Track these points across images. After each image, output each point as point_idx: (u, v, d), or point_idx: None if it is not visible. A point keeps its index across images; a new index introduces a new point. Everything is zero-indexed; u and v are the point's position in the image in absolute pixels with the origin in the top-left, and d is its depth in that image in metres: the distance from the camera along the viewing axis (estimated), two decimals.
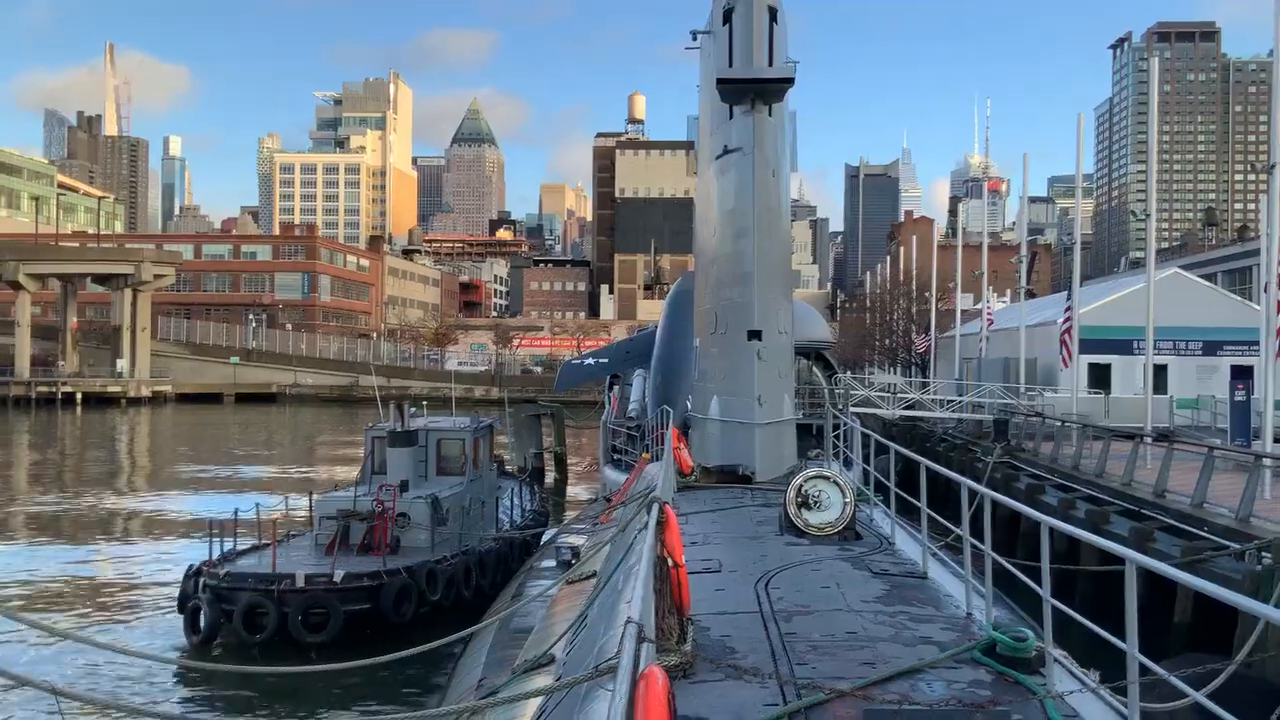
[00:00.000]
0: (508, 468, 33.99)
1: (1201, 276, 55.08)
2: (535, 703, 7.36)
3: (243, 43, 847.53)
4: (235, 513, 18.85)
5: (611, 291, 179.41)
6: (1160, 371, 37.78)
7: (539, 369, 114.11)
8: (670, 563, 6.34)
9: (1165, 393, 37.75)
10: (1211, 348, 43.86)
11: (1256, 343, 26.38)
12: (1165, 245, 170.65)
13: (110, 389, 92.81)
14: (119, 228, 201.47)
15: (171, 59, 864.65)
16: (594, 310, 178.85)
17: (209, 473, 45.22)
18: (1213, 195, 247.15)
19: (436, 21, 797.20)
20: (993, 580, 7.18)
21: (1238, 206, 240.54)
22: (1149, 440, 23.85)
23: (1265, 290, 21.81)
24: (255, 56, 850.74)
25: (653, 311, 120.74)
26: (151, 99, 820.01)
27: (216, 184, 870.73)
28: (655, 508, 6.76)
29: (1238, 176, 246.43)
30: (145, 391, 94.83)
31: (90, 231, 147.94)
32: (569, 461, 45.15)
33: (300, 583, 16.80)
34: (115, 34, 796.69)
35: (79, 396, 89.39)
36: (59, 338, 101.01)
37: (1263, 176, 23.63)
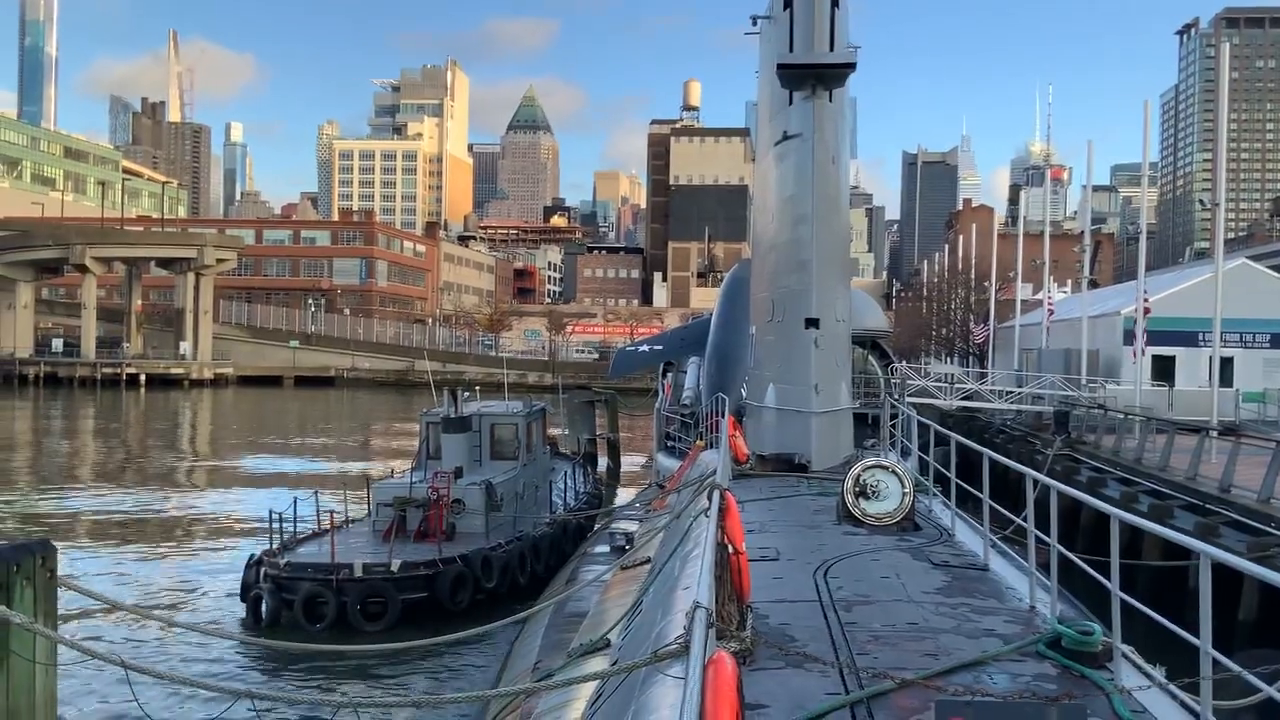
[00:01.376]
0: (561, 449, 34.11)
1: (1269, 267, 53.77)
2: (591, 686, 7.39)
3: (305, 32, 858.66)
4: (294, 502, 19.13)
5: (665, 279, 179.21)
6: (1226, 364, 36.99)
7: (596, 356, 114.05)
8: (730, 549, 6.33)
9: (1231, 386, 36.95)
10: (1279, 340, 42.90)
11: None
12: (1231, 235, 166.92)
13: (173, 371, 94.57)
14: (182, 212, 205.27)
15: (236, 47, 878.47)
16: (647, 297, 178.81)
17: (269, 454, 46.02)
18: None
19: (497, 10, 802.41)
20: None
21: None
22: (1214, 434, 23.39)
23: None
24: (317, 45, 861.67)
25: (706, 299, 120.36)
26: (215, 86, 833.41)
27: (277, 170, 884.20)
28: (717, 494, 6.76)
29: None
30: (207, 374, 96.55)
31: (154, 216, 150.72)
32: (622, 448, 45.18)
33: (358, 572, 17.05)
34: (181, 23, 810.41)
35: (143, 378, 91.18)
36: (124, 320, 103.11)
37: None
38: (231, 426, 63.81)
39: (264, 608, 17.39)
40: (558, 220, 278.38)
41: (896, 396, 26.21)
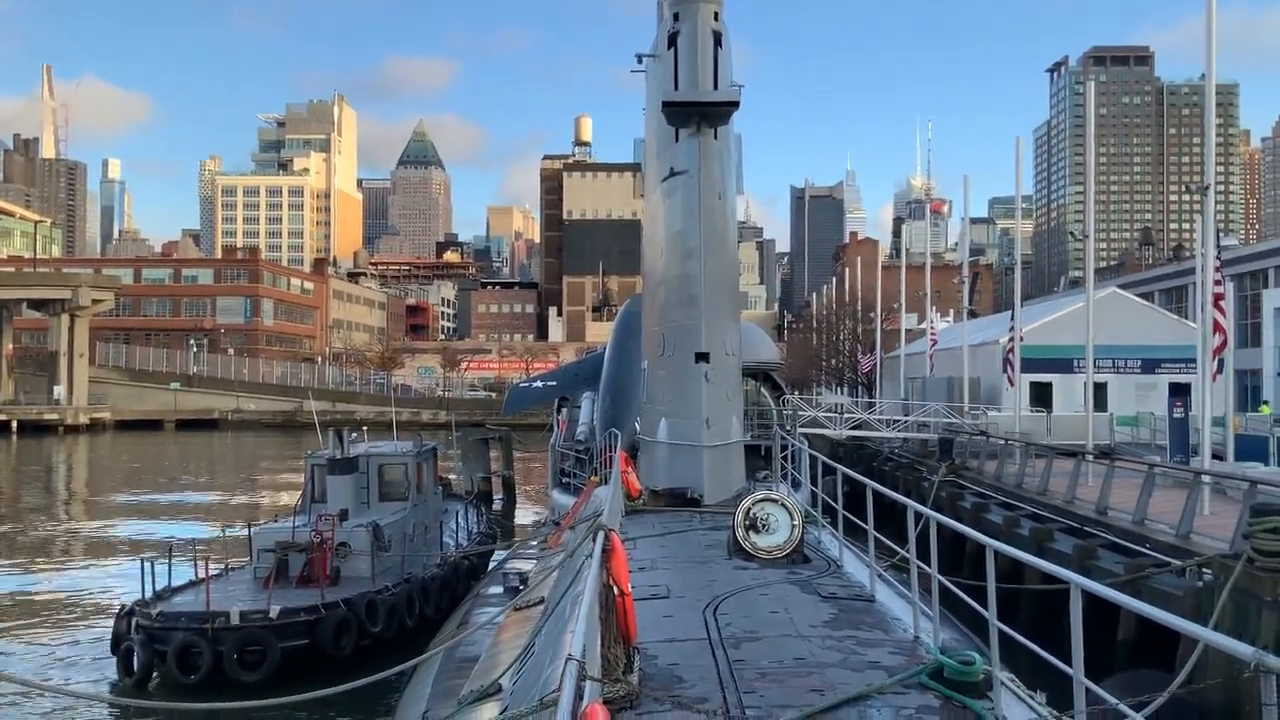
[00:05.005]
0: (454, 490, 33.65)
1: (1139, 295, 56.22)
2: None
3: (191, 68, 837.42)
4: (170, 547, 18.38)
5: (560, 314, 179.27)
6: (1100, 389, 38.39)
7: (492, 394, 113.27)
8: (616, 591, 6.24)
9: (1105, 410, 38.35)
10: (1150, 365, 44.70)
11: (1193, 360, 26.90)
12: (1103, 265, 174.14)
13: (47, 416, 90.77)
14: (56, 252, 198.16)
15: (117, 82, 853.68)
16: (542, 332, 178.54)
17: (147, 502, 44.30)
18: (1149, 215, 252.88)
19: (397, 49, 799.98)
20: (940, 601, 7.18)
21: (1173, 226, 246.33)
22: (1090, 458, 24.17)
23: (1201, 309, 22.26)
24: (204, 81, 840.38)
25: (601, 333, 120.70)
26: (101, 124, 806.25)
27: (159, 208, 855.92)
28: (600, 535, 6.67)
29: (1172, 197, 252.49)
30: (83, 419, 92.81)
31: (26, 256, 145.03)
32: (517, 485, 44.86)
33: (235, 620, 16.38)
34: (72, 62, 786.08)
35: (14, 424, 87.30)
36: None
37: (1197, 197, 24.18)
38: (108, 473, 61.37)
39: (135, 660, 16.61)
40: (450, 256, 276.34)
41: (788, 428, 26.54)
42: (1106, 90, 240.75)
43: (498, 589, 17.75)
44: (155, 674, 16.58)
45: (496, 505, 40.22)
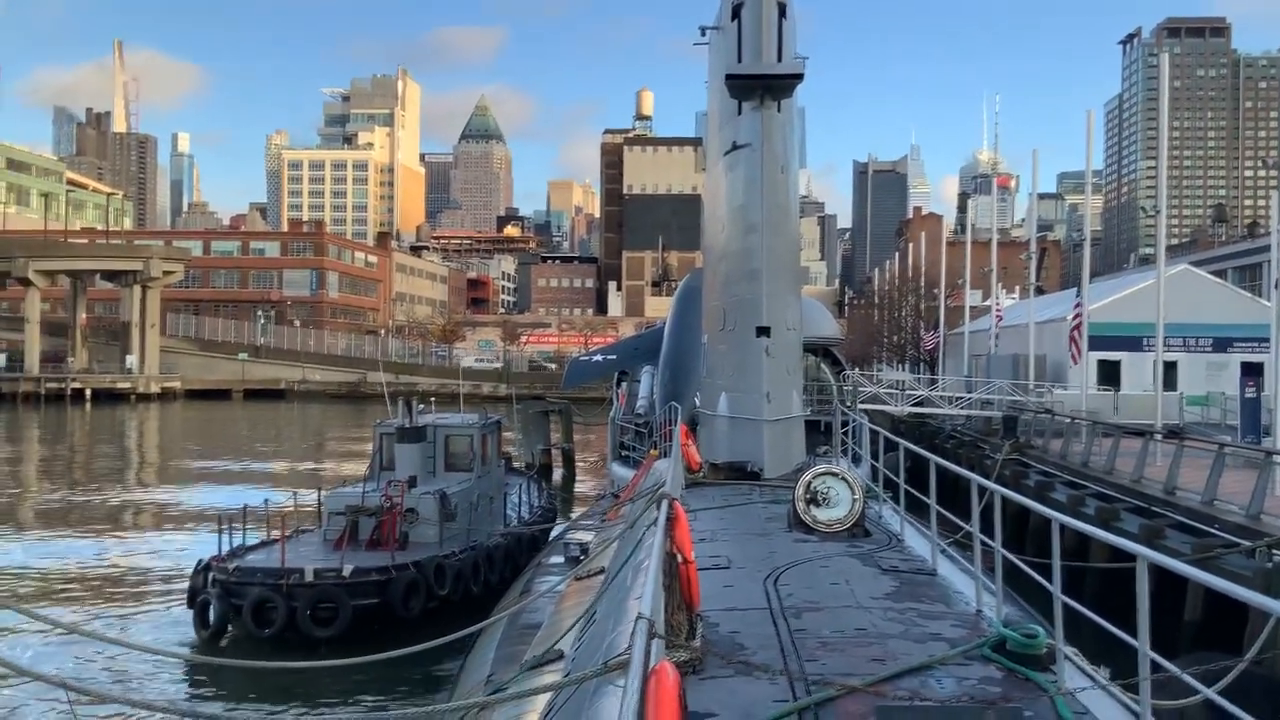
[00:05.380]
0: (515, 464, 34.05)
1: (1211, 273, 54.89)
2: (544, 698, 7.35)
3: (251, 40, 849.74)
4: (244, 508, 18.92)
5: (619, 288, 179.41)
6: (1170, 368, 37.64)
7: (553, 366, 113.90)
8: (679, 559, 6.32)
9: (1175, 389, 37.62)
10: (1222, 344, 43.71)
11: (1267, 339, 26.29)
12: (1175, 241, 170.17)
13: (119, 385, 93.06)
14: (128, 224, 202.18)
15: (180, 56, 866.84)
16: (601, 307, 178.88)
17: (218, 468, 45.40)
18: (1223, 191, 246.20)
19: (445, 18, 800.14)
20: (1003, 577, 7.16)
21: (1248, 203, 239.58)
22: (1159, 437, 23.79)
23: (1275, 287, 21.74)
24: (263, 54, 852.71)
25: (660, 308, 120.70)
26: (161, 96, 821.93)
27: (225, 181, 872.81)
28: (665, 504, 6.76)
29: (1248, 173, 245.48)
30: (154, 388, 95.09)
31: (99, 228, 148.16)
32: (577, 458, 45.23)
33: (309, 577, 16.86)
34: (124, 31, 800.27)
35: (88, 393, 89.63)
36: (68, 334, 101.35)
37: (1273, 173, 23.53)
38: (178, 440, 62.88)
39: (211, 613, 17.17)
40: (511, 230, 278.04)
41: (848, 403, 26.42)
42: (1181, 63, 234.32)
43: (559, 559, 17.97)
44: (230, 627, 17.11)
45: (556, 478, 40.61)
